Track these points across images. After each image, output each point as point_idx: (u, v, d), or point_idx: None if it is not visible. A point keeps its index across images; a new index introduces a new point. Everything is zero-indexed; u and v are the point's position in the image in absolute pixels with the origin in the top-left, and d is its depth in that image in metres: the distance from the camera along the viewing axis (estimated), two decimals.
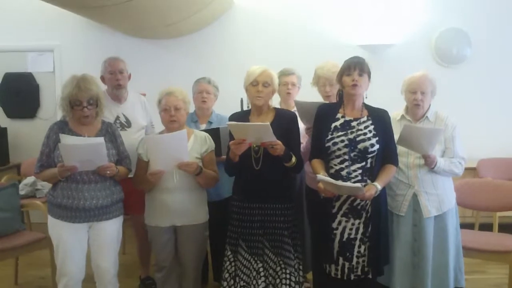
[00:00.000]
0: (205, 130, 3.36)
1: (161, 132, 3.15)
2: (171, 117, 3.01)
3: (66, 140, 2.76)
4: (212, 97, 3.69)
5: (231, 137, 2.83)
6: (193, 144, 3.06)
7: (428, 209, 3.00)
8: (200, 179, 3.02)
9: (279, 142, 2.69)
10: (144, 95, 4.00)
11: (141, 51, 5.50)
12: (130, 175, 3.13)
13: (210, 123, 3.64)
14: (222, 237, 3.08)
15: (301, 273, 2.95)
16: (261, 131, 2.65)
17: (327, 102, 3.16)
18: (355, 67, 2.73)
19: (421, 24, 5.43)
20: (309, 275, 3.39)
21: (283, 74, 3.58)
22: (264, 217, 2.88)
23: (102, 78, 3.60)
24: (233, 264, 2.96)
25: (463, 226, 3.41)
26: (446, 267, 3.05)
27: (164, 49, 5.58)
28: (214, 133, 3.29)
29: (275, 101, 3.10)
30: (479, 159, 4.99)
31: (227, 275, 2.97)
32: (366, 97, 2.84)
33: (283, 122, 2.87)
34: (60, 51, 5.67)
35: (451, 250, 3.06)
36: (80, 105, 2.84)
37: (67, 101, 2.85)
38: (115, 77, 3.55)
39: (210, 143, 3.13)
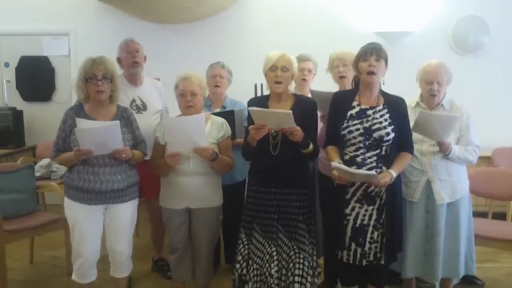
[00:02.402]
0: (219, 113, 3.36)
1: (178, 117, 3.16)
2: (188, 102, 3.01)
3: (82, 124, 2.78)
4: (226, 82, 3.69)
5: (250, 121, 2.84)
6: (210, 129, 3.06)
7: (441, 196, 2.99)
8: (215, 165, 3.03)
9: (298, 128, 2.70)
10: (159, 79, 4.01)
11: (156, 36, 5.50)
12: (146, 158, 3.15)
13: (224, 107, 3.65)
14: (234, 220, 3.11)
15: (315, 258, 2.97)
16: (282, 118, 2.66)
17: (341, 84, 3.16)
18: (372, 53, 2.71)
19: (438, 12, 5.37)
20: (320, 260, 3.41)
21: (299, 59, 3.54)
22: (279, 202, 2.90)
23: (119, 60, 3.63)
24: (246, 247, 2.99)
25: (476, 214, 3.41)
26: (457, 255, 3.05)
27: (179, 34, 5.58)
28: (228, 115, 3.30)
29: (291, 88, 3.09)
30: (494, 148, 4.95)
31: (240, 257, 3.00)
32: (383, 83, 2.83)
33: (303, 109, 2.86)
34: (76, 35, 5.72)
35: (462, 237, 3.06)
36: (95, 78, 2.84)
37: (82, 76, 2.86)
38: (131, 55, 3.58)
39: (226, 129, 3.14)
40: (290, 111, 2.65)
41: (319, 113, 3.08)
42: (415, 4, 5.31)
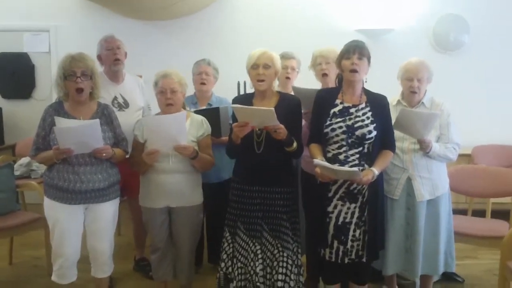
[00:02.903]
0: (204, 110, 3.35)
1: (157, 115, 3.14)
2: (167, 99, 2.99)
3: (61, 123, 2.74)
4: (212, 79, 3.67)
5: (234, 119, 2.83)
6: (189, 128, 3.05)
7: (422, 193, 3.02)
8: (195, 163, 3.02)
9: (282, 126, 2.69)
10: (141, 77, 3.98)
11: (138, 33, 5.47)
12: (128, 156, 3.13)
13: (210, 105, 3.63)
14: (220, 219, 3.10)
15: (299, 256, 2.98)
16: (265, 115, 2.65)
17: (323, 82, 3.16)
18: (355, 51, 2.72)
19: (420, 10, 5.43)
20: (303, 258, 3.42)
21: (283, 57, 3.53)
22: (263, 200, 2.90)
23: (99, 57, 3.59)
24: (231, 245, 2.99)
25: (456, 212, 3.45)
26: (437, 252, 3.08)
27: (161, 31, 5.55)
28: (213, 113, 3.28)
29: (275, 85, 3.09)
30: (474, 146, 5.01)
31: (225, 256, 3.00)
32: (365, 81, 2.84)
33: (287, 107, 2.87)
34: (56, 32, 5.65)
35: (442, 235, 3.09)
36: (74, 76, 2.80)
37: (61, 73, 2.82)
38: (112, 52, 3.55)
39: (206, 127, 3.13)
40: (273, 108, 2.65)
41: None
42: (396, 2, 5.35)
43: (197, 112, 3.27)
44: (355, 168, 2.63)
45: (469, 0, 5.40)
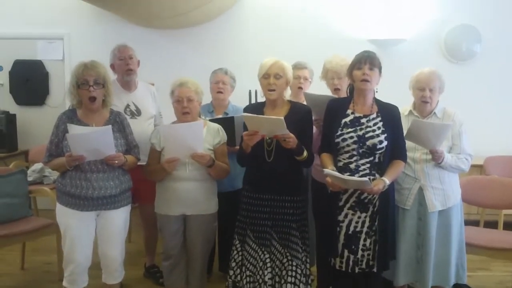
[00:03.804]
0: (219, 119, 3.36)
1: (174, 123, 3.15)
2: (184, 108, 3.01)
3: (73, 129, 2.76)
4: (229, 88, 3.69)
5: (245, 128, 2.85)
6: (205, 136, 3.06)
7: (433, 203, 3.01)
8: (211, 171, 3.03)
9: (292, 135, 2.70)
10: (153, 85, 4.01)
11: (150, 41, 5.52)
12: (140, 163, 3.14)
13: (226, 114, 3.64)
14: (232, 228, 3.10)
15: (308, 265, 2.97)
16: (274, 124, 2.66)
17: (336, 95, 3.17)
18: (366, 61, 2.73)
19: (431, 20, 5.43)
20: (313, 268, 3.41)
21: (296, 67, 3.56)
22: (273, 209, 2.90)
23: (112, 66, 3.62)
24: (240, 253, 2.99)
25: (468, 223, 3.42)
26: (448, 263, 3.06)
27: (173, 39, 5.60)
28: (228, 122, 3.30)
29: (287, 95, 3.10)
30: (487, 157, 4.98)
31: (234, 264, 3.00)
32: (376, 91, 2.85)
33: (298, 116, 2.87)
34: (70, 40, 5.72)
35: (453, 246, 3.07)
36: (87, 84, 2.83)
37: (74, 82, 2.85)
38: (125, 62, 3.57)
39: (222, 135, 3.14)
40: (282, 118, 2.66)
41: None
42: (408, 12, 5.35)
43: (212, 121, 3.29)
44: (365, 178, 2.63)
45: (480, 10, 5.39)
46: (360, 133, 2.74)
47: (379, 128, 2.75)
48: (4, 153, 5.34)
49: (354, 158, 2.74)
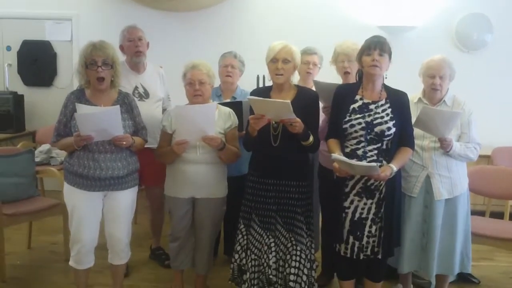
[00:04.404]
0: (228, 103, 3.35)
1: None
2: (196, 91, 3.00)
3: (81, 109, 2.76)
4: (237, 72, 3.67)
5: (252, 112, 2.84)
6: (217, 119, 3.04)
7: (440, 191, 3.00)
8: (222, 154, 3.03)
9: (298, 120, 2.69)
10: (161, 67, 4.00)
11: (159, 23, 5.49)
12: (147, 145, 3.14)
13: (234, 98, 3.62)
14: (237, 212, 3.10)
15: (312, 251, 2.97)
16: (281, 108, 2.64)
17: (345, 82, 3.15)
18: (376, 47, 2.70)
19: (443, 8, 5.36)
20: (318, 254, 3.42)
21: (305, 52, 3.53)
22: (278, 194, 2.90)
23: (121, 47, 3.60)
24: (245, 237, 3.00)
25: (474, 213, 3.41)
26: (453, 252, 3.06)
27: (182, 22, 5.57)
28: (236, 106, 3.28)
29: (295, 79, 3.08)
30: (495, 147, 4.95)
31: (239, 247, 3.02)
32: (386, 77, 2.82)
33: (304, 101, 2.86)
34: (78, 20, 5.70)
35: (459, 234, 3.06)
36: (95, 65, 2.82)
37: (83, 61, 2.84)
38: (134, 43, 3.56)
39: (234, 119, 3.13)
40: (289, 101, 2.64)
41: (321, 104, 3.07)
42: (419, 0, 5.29)
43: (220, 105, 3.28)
44: (374, 163, 2.61)
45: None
46: (369, 119, 2.73)
47: (387, 114, 2.73)
48: (12, 133, 5.36)
49: (362, 144, 2.73)
